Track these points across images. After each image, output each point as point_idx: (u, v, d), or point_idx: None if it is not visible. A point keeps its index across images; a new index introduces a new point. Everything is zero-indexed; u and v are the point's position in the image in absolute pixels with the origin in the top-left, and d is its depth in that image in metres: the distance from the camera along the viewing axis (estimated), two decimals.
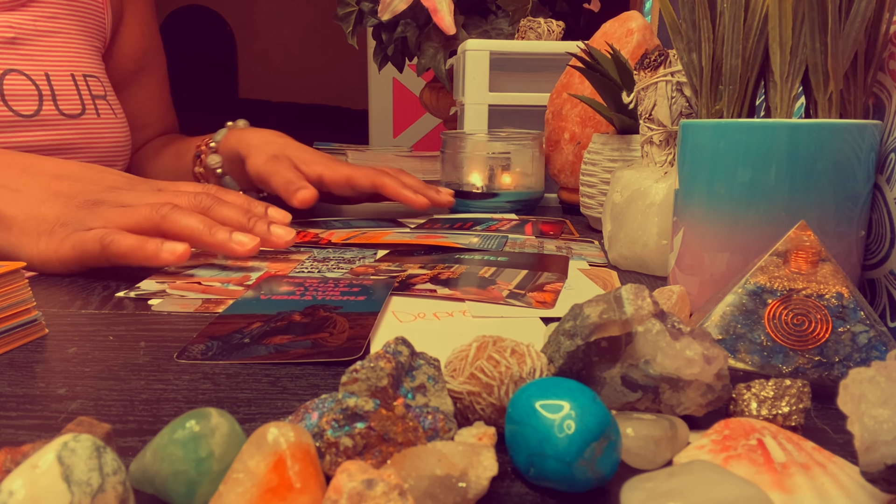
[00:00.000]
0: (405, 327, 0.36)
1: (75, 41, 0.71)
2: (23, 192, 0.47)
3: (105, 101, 0.73)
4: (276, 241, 0.49)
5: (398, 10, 0.94)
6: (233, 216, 0.49)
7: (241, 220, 0.49)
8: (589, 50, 0.64)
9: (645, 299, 0.25)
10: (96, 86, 0.72)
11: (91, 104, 0.70)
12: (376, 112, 2.05)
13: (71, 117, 0.68)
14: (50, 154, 0.65)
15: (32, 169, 0.49)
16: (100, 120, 0.71)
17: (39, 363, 0.31)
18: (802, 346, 0.27)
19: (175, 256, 0.44)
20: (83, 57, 0.72)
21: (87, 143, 0.69)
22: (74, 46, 0.71)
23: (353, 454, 0.21)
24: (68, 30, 0.70)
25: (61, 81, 0.68)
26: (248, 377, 0.30)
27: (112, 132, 0.73)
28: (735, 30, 0.37)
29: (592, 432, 0.20)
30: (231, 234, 0.46)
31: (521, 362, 0.24)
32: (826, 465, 0.21)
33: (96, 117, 0.71)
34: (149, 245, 0.44)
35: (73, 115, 0.68)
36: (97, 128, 0.71)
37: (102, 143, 0.71)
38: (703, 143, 0.36)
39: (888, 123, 0.37)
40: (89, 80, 0.71)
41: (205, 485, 0.19)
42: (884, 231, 0.37)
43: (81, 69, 0.71)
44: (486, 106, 0.86)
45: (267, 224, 0.50)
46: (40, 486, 0.17)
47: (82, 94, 0.70)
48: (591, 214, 0.66)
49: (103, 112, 0.72)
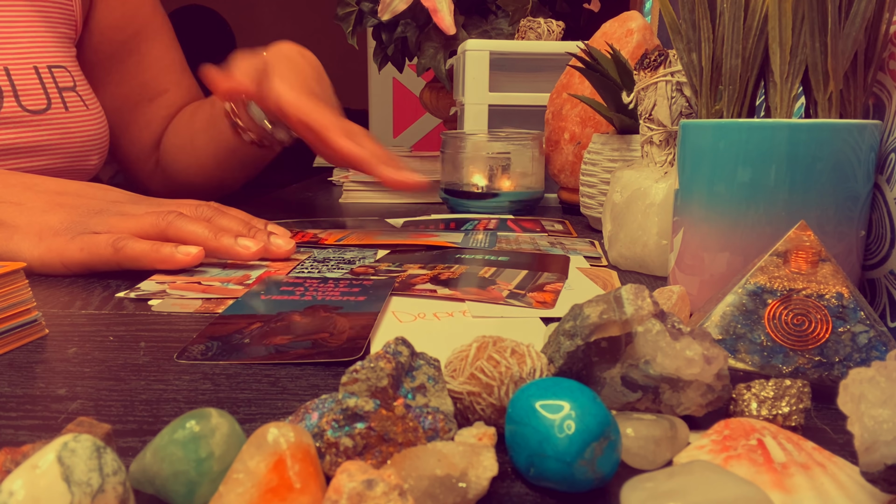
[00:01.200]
0: (405, 327, 0.36)
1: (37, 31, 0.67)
2: (26, 205, 0.48)
3: (74, 93, 0.68)
4: (275, 251, 0.51)
5: (398, 10, 0.94)
6: (234, 226, 0.50)
7: (241, 231, 0.50)
8: (589, 50, 0.64)
9: (645, 299, 0.25)
10: (64, 77, 0.68)
11: (58, 97, 0.66)
12: (376, 112, 2.05)
13: (35, 113, 0.64)
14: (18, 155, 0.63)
15: (35, 187, 0.50)
16: (68, 114, 0.67)
17: (39, 363, 0.31)
18: (802, 347, 0.27)
19: (191, 257, 0.45)
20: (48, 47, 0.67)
21: (57, 141, 0.66)
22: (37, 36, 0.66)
23: (353, 454, 0.21)
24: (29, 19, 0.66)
25: (23, 75, 0.64)
26: (248, 377, 0.30)
27: (83, 126, 0.69)
28: (735, 30, 0.37)
29: (592, 432, 0.20)
30: (236, 240, 0.48)
31: (522, 362, 0.24)
32: (826, 465, 0.21)
33: (64, 111, 0.67)
34: (164, 248, 0.45)
35: (38, 111, 0.64)
36: (66, 123, 0.67)
37: (73, 139, 0.67)
38: (703, 143, 0.36)
39: (888, 123, 0.37)
40: (55, 72, 0.67)
41: (205, 485, 0.19)
42: (884, 231, 0.37)
43: (45, 60, 0.66)
44: (486, 106, 0.86)
45: (267, 235, 0.51)
46: (40, 486, 0.17)
47: (47, 88, 0.65)
48: (591, 214, 0.66)
49: (72, 105, 0.68)
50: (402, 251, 0.56)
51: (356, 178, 0.93)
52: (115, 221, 0.47)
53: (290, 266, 0.50)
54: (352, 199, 0.91)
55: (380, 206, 0.87)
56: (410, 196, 0.91)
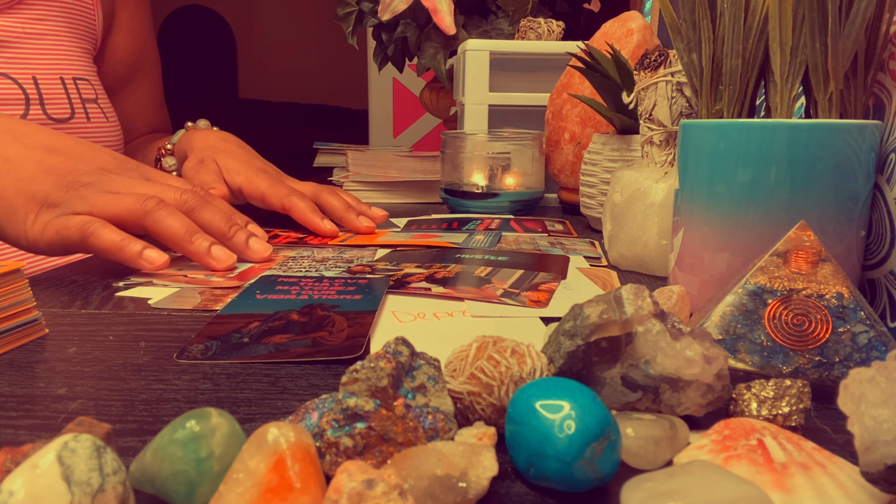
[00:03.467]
0: (405, 327, 0.36)
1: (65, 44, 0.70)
2: (14, 163, 0.47)
3: (96, 105, 0.72)
4: (251, 255, 0.50)
5: (398, 10, 0.94)
6: (215, 221, 0.50)
7: (222, 227, 0.50)
8: (589, 50, 0.64)
9: (645, 299, 0.25)
10: (87, 89, 0.71)
11: (81, 108, 0.69)
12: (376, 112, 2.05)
13: (59, 121, 0.67)
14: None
15: (25, 138, 0.49)
16: (90, 124, 0.70)
17: (39, 363, 0.31)
18: (802, 347, 0.27)
19: (153, 267, 0.45)
20: (73, 60, 0.71)
21: None
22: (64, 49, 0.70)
23: (353, 454, 0.21)
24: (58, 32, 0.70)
25: (50, 85, 0.67)
26: (248, 377, 0.30)
27: (102, 136, 0.72)
28: (735, 30, 0.37)
29: (592, 432, 0.20)
30: (210, 248, 0.47)
31: (522, 362, 0.24)
32: (826, 465, 0.21)
33: (86, 121, 0.70)
34: (131, 247, 0.45)
35: (62, 120, 0.67)
36: (87, 132, 0.70)
37: None
38: (703, 143, 0.36)
39: (888, 123, 0.37)
40: (79, 84, 0.70)
41: (205, 485, 0.19)
42: (884, 231, 0.37)
43: (71, 72, 0.70)
44: (486, 106, 0.86)
45: (246, 235, 0.51)
46: (40, 486, 0.17)
47: (72, 98, 0.69)
48: (591, 214, 0.66)
49: (93, 116, 0.71)
50: (401, 251, 0.56)
51: (356, 178, 0.93)
52: (96, 200, 0.46)
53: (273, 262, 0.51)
54: None
55: (380, 206, 0.87)
56: (410, 196, 0.91)
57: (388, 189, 0.92)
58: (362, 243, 0.58)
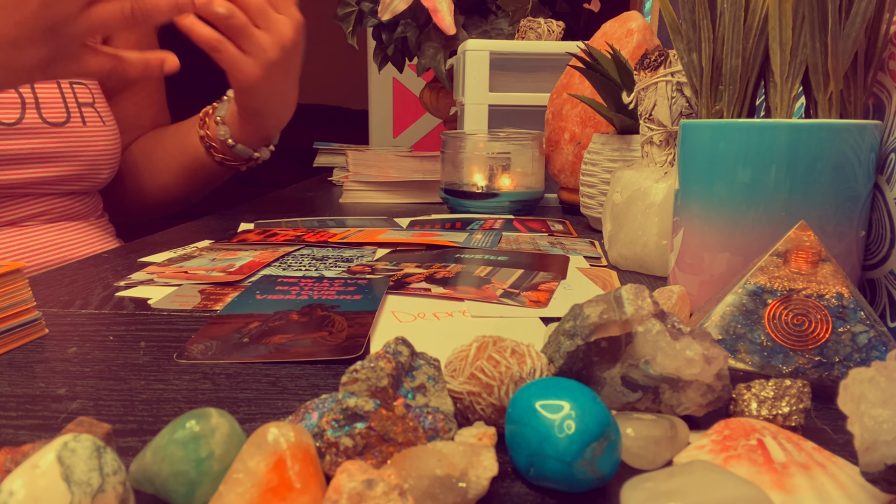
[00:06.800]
0: (405, 327, 0.36)
1: None
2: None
3: (92, 108, 0.72)
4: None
5: (398, 10, 0.94)
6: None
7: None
8: (589, 50, 0.64)
9: (645, 299, 0.25)
10: (83, 93, 0.71)
11: (77, 111, 0.70)
12: (376, 112, 2.05)
13: (55, 125, 0.67)
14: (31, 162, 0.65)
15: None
16: (85, 128, 0.70)
17: (39, 363, 0.31)
18: (802, 347, 0.27)
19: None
20: None
21: (72, 152, 0.69)
22: None
23: (353, 454, 0.21)
24: None
25: (46, 88, 0.67)
26: (248, 377, 0.30)
27: (98, 140, 0.72)
28: (735, 30, 0.37)
29: (592, 432, 0.20)
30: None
31: (522, 362, 0.24)
32: (826, 465, 0.21)
33: (82, 125, 0.70)
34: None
35: (58, 124, 0.68)
36: (83, 135, 0.70)
37: (88, 151, 0.71)
38: (703, 143, 0.36)
39: (888, 123, 0.37)
40: (76, 87, 0.71)
41: (205, 485, 0.19)
42: (884, 231, 0.37)
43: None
44: (486, 106, 0.86)
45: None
46: (40, 486, 0.17)
47: (67, 102, 0.69)
48: (591, 214, 0.66)
49: (90, 119, 0.71)
50: (402, 251, 0.56)
51: (356, 178, 0.93)
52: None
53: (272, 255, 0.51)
54: (352, 198, 0.91)
55: (380, 206, 0.87)
56: (410, 196, 0.91)
57: (388, 189, 0.92)
58: (361, 241, 0.58)
